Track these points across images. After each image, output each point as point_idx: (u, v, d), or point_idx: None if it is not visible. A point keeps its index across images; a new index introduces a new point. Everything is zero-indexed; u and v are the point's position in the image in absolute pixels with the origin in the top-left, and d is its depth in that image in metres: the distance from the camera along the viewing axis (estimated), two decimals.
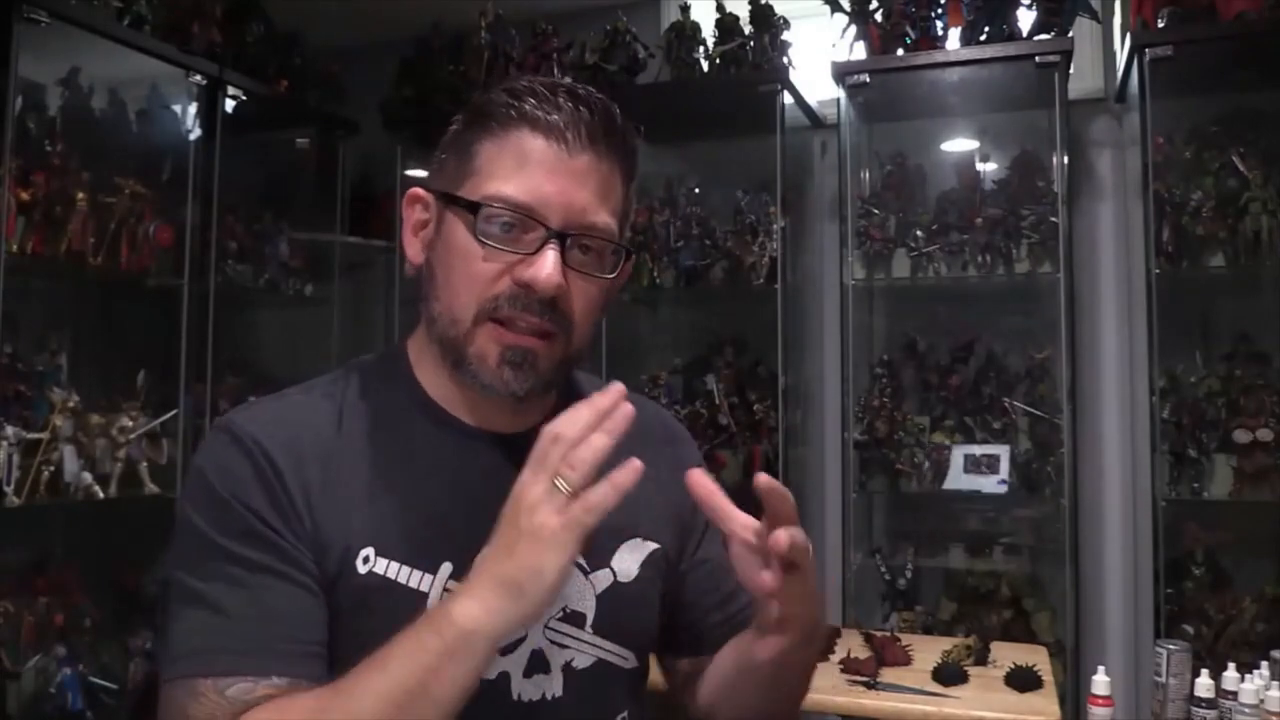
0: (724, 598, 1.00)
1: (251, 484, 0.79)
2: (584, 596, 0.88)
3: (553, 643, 0.86)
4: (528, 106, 0.82)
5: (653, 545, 0.94)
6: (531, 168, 0.81)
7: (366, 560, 0.80)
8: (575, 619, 0.88)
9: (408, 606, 0.80)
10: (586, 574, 0.89)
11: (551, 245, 0.80)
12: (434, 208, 0.88)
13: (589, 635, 0.88)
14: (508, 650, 0.83)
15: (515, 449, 0.88)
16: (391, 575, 0.81)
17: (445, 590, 0.81)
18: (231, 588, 0.77)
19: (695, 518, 1.01)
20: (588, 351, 0.90)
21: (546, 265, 0.80)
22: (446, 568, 0.82)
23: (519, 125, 0.82)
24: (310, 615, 0.79)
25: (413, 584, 0.81)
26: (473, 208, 0.82)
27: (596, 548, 0.89)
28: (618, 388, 0.74)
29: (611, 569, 0.90)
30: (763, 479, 0.73)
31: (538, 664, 0.85)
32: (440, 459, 0.87)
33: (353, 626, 0.80)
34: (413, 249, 0.89)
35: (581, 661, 0.88)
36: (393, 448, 0.86)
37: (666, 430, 1.05)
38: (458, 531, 0.83)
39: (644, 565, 0.92)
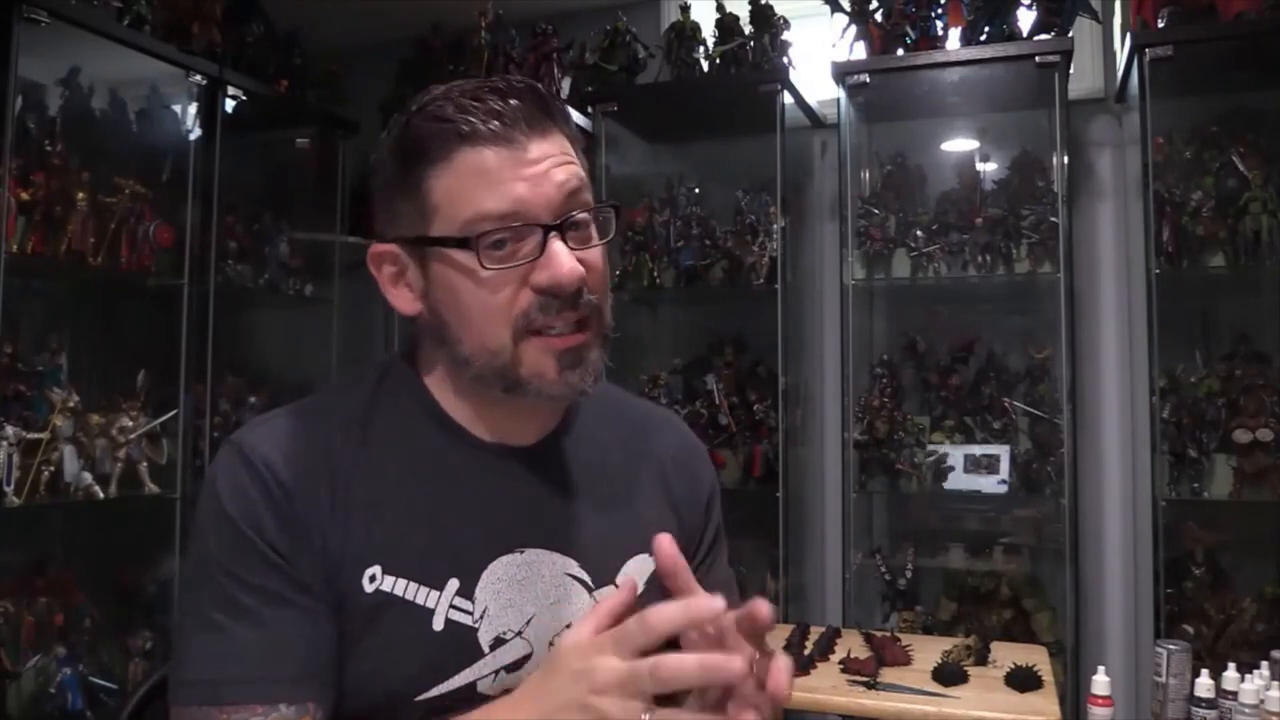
0: None
1: (262, 508, 0.79)
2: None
3: None
4: (461, 125, 0.79)
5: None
6: (497, 178, 0.79)
7: (373, 579, 0.80)
8: None
9: (413, 623, 0.80)
10: (591, 591, 0.88)
11: (554, 238, 0.80)
12: (404, 258, 0.85)
13: None
14: (514, 668, 0.83)
15: (529, 461, 0.89)
16: (398, 592, 0.80)
17: (451, 606, 0.81)
18: (240, 615, 0.77)
19: (702, 535, 1.01)
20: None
21: (563, 260, 0.79)
22: (453, 584, 0.82)
23: (461, 146, 0.79)
24: (318, 641, 0.79)
25: (419, 600, 0.81)
26: (463, 241, 0.79)
27: (602, 564, 0.89)
28: (715, 609, 0.67)
29: (616, 586, 0.89)
30: (764, 613, 0.69)
31: None
32: (452, 473, 0.86)
33: (360, 643, 0.80)
34: (402, 301, 0.87)
35: None
36: (404, 463, 0.85)
37: (681, 445, 1.03)
38: (467, 546, 0.84)
39: (649, 581, 0.90)
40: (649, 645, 0.67)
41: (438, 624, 0.81)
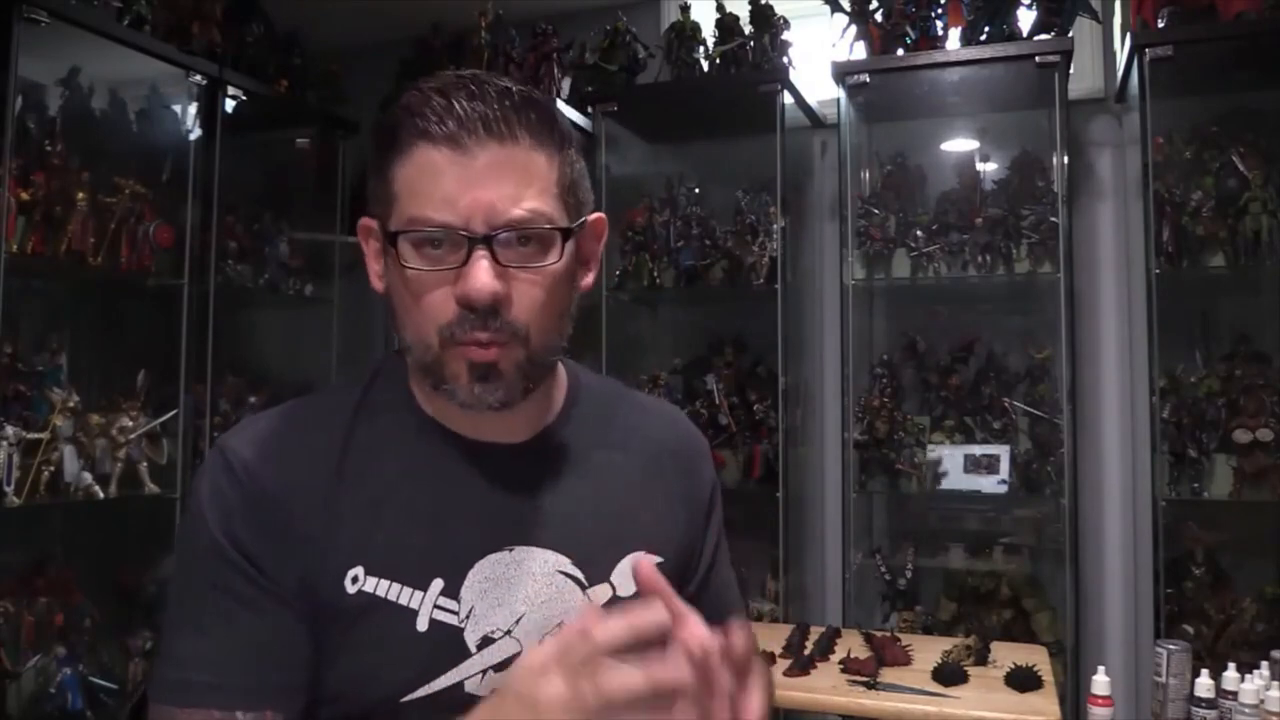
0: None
1: (238, 514, 0.79)
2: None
3: None
4: (420, 121, 0.78)
5: (656, 559, 0.90)
6: (439, 182, 0.77)
7: (355, 580, 0.80)
8: None
9: (396, 624, 0.80)
10: (584, 589, 0.87)
11: (480, 253, 0.77)
12: (378, 235, 0.85)
13: None
14: (502, 667, 0.82)
15: (520, 458, 0.88)
16: (381, 593, 0.80)
17: (435, 606, 0.81)
18: (213, 618, 0.78)
19: (704, 537, 1.00)
20: (560, 344, 0.86)
21: (478, 276, 0.77)
22: (438, 584, 0.81)
23: (419, 141, 0.78)
24: (288, 649, 0.79)
25: (402, 601, 0.80)
26: (393, 237, 0.79)
27: (597, 562, 0.88)
28: (660, 620, 0.64)
29: (611, 584, 0.88)
30: (741, 643, 0.67)
31: None
32: (439, 472, 0.86)
33: (344, 645, 0.80)
34: (374, 277, 0.87)
35: None
36: (391, 466, 0.85)
37: (683, 442, 1.02)
38: (452, 545, 0.83)
39: None
40: (592, 659, 0.63)
41: (421, 625, 0.80)
